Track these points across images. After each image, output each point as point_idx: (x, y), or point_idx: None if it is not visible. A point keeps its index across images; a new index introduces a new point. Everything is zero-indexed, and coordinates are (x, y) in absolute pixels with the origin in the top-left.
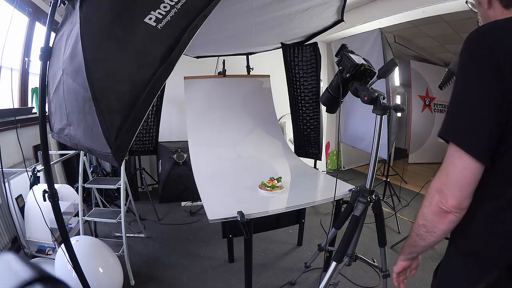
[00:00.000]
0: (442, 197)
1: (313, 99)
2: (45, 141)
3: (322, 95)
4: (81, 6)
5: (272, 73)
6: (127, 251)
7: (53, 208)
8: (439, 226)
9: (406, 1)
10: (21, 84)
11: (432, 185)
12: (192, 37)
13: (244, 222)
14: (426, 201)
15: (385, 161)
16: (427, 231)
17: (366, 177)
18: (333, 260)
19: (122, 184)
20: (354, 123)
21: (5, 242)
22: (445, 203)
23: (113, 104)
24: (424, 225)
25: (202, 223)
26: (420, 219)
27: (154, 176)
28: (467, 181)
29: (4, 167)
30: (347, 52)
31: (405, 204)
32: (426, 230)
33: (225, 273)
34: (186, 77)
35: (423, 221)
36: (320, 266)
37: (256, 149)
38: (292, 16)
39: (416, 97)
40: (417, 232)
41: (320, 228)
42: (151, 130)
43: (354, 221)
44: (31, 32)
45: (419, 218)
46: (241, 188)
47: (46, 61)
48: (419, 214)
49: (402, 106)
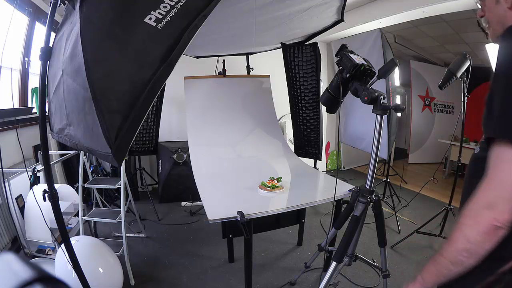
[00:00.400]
0: (496, 213)
1: (313, 99)
2: (45, 141)
3: (322, 95)
4: (81, 6)
5: (272, 73)
6: (127, 251)
7: (53, 208)
8: (487, 246)
9: (406, 1)
10: (21, 84)
11: (478, 201)
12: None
13: (244, 222)
14: (469, 221)
15: (385, 161)
16: (470, 255)
17: (366, 177)
18: (333, 260)
19: (122, 184)
20: (354, 123)
21: (5, 242)
22: (500, 218)
23: (113, 104)
24: (468, 250)
25: (202, 223)
26: (460, 244)
27: (154, 176)
28: None
29: (4, 167)
30: (347, 52)
31: (405, 204)
32: (469, 254)
33: (225, 273)
34: (186, 77)
35: (466, 245)
36: (320, 266)
37: (256, 149)
38: (292, 16)
39: (416, 97)
40: (454, 260)
41: (320, 228)
42: (151, 130)
43: (354, 221)
44: (31, 32)
45: (458, 242)
46: (241, 188)
47: (46, 61)
48: (458, 238)
49: (402, 106)
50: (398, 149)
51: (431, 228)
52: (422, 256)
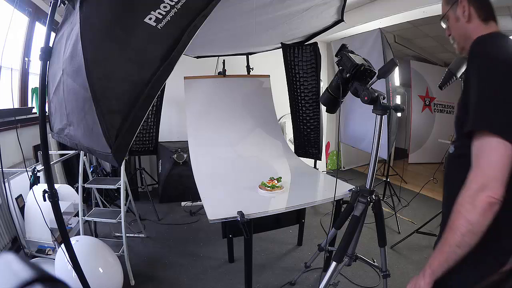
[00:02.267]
0: (490, 191)
1: (313, 99)
2: (45, 141)
3: (322, 95)
4: (81, 6)
5: (272, 73)
6: (127, 251)
7: (53, 208)
8: (486, 222)
9: (406, 1)
10: (21, 84)
11: (470, 188)
12: (192, 37)
13: (244, 222)
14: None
15: (385, 161)
16: (473, 235)
17: (366, 177)
18: (333, 260)
19: (122, 184)
20: (354, 123)
21: (5, 242)
22: (495, 194)
23: (113, 104)
24: (471, 230)
25: (202, 223)
26: (463, 227)
27: (154, 176)
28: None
29: (4, 167)
30: (347, 52)
31: (405, 204)
32: (472, 234)
33: (225, 273)
34: (186, 77)
35: (469, 226)
36: (320, 266)
37: (256, 149)
38: (292, 16)
39: (416, 97)
40: (460, 243)
41: (320, 228)
42: (151, 130)
43: (354, 221)
44: (31, 32)
45: (461, 227)
46: (241, 188)
47: (46, 61)
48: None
49: (402, 106)
50: (398, 149)
51: (431, 228)
52: (422, 256)
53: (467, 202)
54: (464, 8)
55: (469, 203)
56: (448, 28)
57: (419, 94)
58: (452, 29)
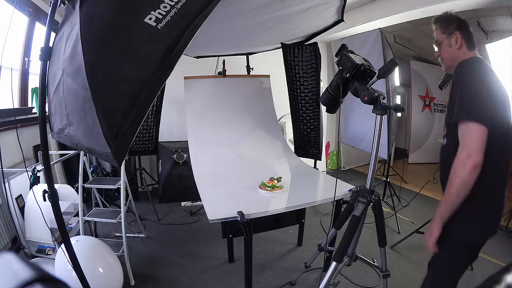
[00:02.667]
0: (473, 159)
1: (313, 99)
2: (45, 141)
3: (322, 95)
4: (81, 6)
5: (272, 73)
6: (127, 251)
7: (53, 208)
8: (472, 179)
9: (406, 1)
10: (21, 84)
11: (460, 157)
12: (192, 37)
13: (244, 222)
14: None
15: (385, 161)
16: (465, 187)
17: (366, 177)
18: (333, 260)
19: (122, 184)
20: (354, 123)
21: (5, 242)
22: (477, 161)
23: (113, 104)
24: (463, 182)
25: (202, 223)
26: (457, 183)
27: (154, 176)
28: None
29: (4, 167)
30: (347, 52)
31: (405, 204)
32: (464, 186)
33: (225, 273)
34: (186, 77)
35: (461, 182)
36: (320, 266)
37: (256, 149)
38: (292, 16)
39: (416, 97)
40: (456, 192)
41: (320, 228)
42: (151, 130)
43: (354, 221)
44: (31, 32)
45: (456, 183)
46: (241, 188)
47: (46, 61)
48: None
49: (402, 106)
50: (398, 149)
51: None
52: (422, 256)
53: (459, 165)
54: (457, 39)
55: (461, 166)
56: (439, 51)
57: (419, 94)
58: (443, 52)
